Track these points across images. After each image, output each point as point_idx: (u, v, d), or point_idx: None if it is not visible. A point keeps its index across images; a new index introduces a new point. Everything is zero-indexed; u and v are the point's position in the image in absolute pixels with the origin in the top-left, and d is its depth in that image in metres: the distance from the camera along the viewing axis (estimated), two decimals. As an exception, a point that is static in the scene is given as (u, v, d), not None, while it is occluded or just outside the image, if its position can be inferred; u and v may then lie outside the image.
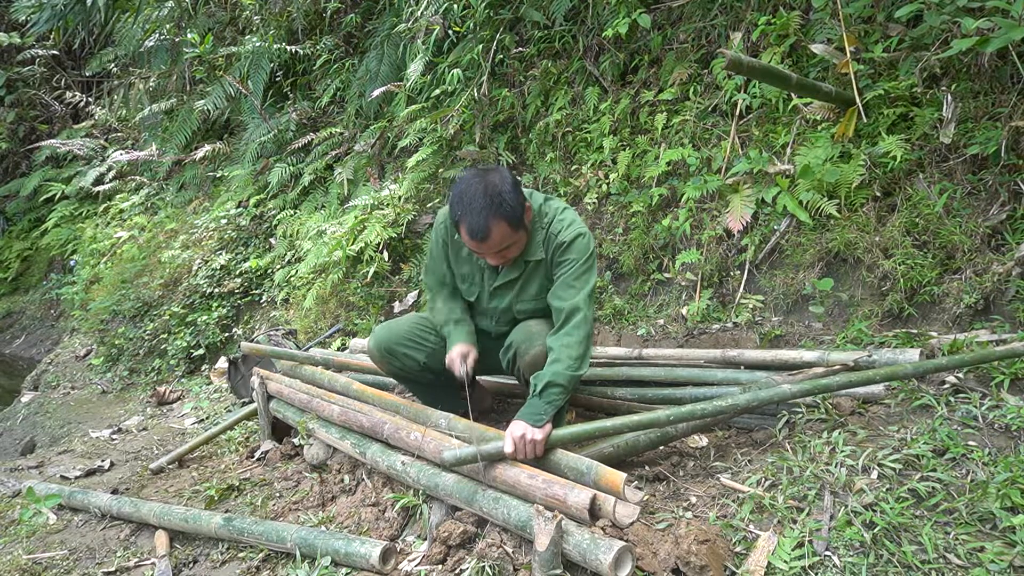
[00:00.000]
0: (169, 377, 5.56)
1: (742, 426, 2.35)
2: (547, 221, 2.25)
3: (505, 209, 2.06)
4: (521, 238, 2.18)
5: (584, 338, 2.10)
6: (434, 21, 4.70)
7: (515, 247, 2.19)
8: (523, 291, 2.34)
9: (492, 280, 2.36)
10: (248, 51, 6.30)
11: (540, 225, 2.25)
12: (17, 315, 8.87)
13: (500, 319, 2.45)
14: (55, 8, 7.15)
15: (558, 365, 2.05)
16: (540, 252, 2.25)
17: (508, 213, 2.07)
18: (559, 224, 2.24)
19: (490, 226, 2.05)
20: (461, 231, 2.12)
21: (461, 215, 2.08)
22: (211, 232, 6.25)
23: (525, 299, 2.35)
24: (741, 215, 3.14)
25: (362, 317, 4.58)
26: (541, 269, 2.29)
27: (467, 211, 2.06)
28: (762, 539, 1.68)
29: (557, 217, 2.26)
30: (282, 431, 3.20)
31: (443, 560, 1.88)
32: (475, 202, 2.05)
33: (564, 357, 2.06)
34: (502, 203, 2.05)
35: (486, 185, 2.07)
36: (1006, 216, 2.53)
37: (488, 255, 2.18)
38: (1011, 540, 1.54)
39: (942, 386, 2.15)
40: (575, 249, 2.19)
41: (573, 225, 2.23)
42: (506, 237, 2.10)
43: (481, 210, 2.04)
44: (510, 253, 2.20)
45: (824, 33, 3.17)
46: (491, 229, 2.06)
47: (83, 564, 2.48)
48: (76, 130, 9.07)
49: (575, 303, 2.12)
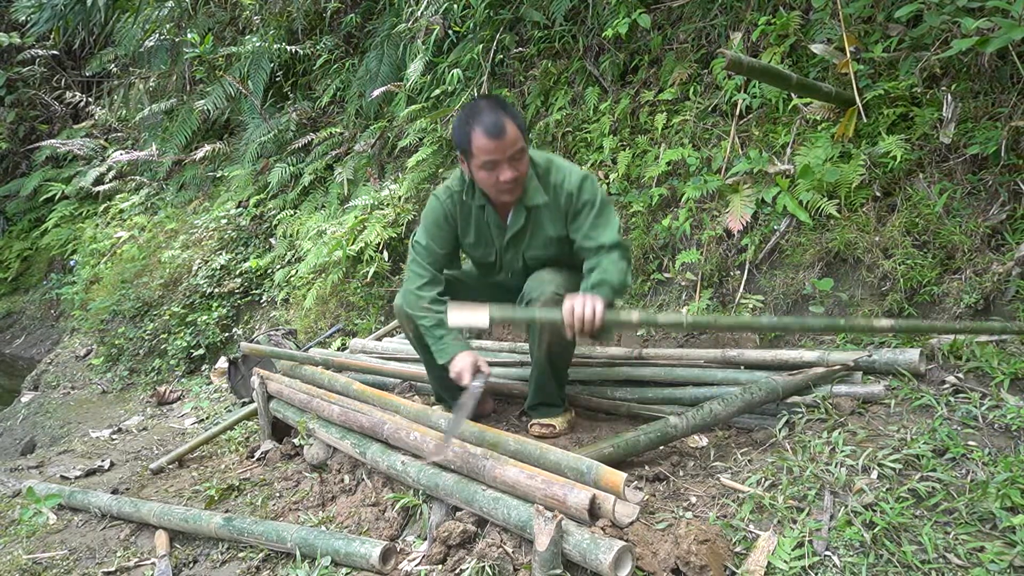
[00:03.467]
0: (169, 377, 5.56)
1: (742, 426, 2.35)
2: (542, 170, 2.28)
3: (512, 111, 2.14)
4: (526, 154, 2.19)
5: (628, 265, 2.18)
6: (434, 21, 4.71)
7: (523, 162, 2.20)
8: (533, 238, 2.35)
9: (502, 236, 2.37)
10: (248, 51, 6.30)
11: (535, 172, 2.28)
12: (17, 315, 8.87)
13: (515, 272, 2.44)
14: (55, 8, 7.16)
15: (607, 274, 2.10)
16: (540, 197, 2.27)
17: (515, 116, 2.15)
18: (559, 174, 2.26)
19: (504, 122, 2.10)
20: (476, 135, 2.11)
21: (474, 122, 2.12)
22: (211, 232, 6.25)
23: (536, 246, 2.35)
24: (741, 215, 3.14)
25: (362, 317, 4.58)
26: (545, 215, 2.30)
27: (479, 117, 2.11)
28: (762, 539, 1.68)
29: (554, 166, 2.28)
30: (282, 431, 3.20)
31: (443, 560, 1.88)
32: (484, 110, 2.12)
33: (612, 269, 2.12)
34: (507, 106, 2.15)
35: (487, 99, 2.17)
36: (1006, 216, 2.53)
37: (504, 163, 2.14)
38: (1011, 540, 1.54)
39: (942, 386, 2.15)
40: (586, 191, 2.25)
41: (573, 171, 2.27)
42: (517, 139, 2.13)
43: (492, 111, 2.11)
44: (522, 167, 2.19)
45: (824, 33, 3.17)
46: (505, 125, 2.10)
47: (83, 564, 2.48)
48: (76, 130, 9.07)
49: (612, 238, 2.19)
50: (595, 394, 2.70)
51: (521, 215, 2.31)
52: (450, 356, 2.30)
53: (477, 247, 2.44)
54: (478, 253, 2.45)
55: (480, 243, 2.43)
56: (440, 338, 2.34)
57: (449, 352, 2.32)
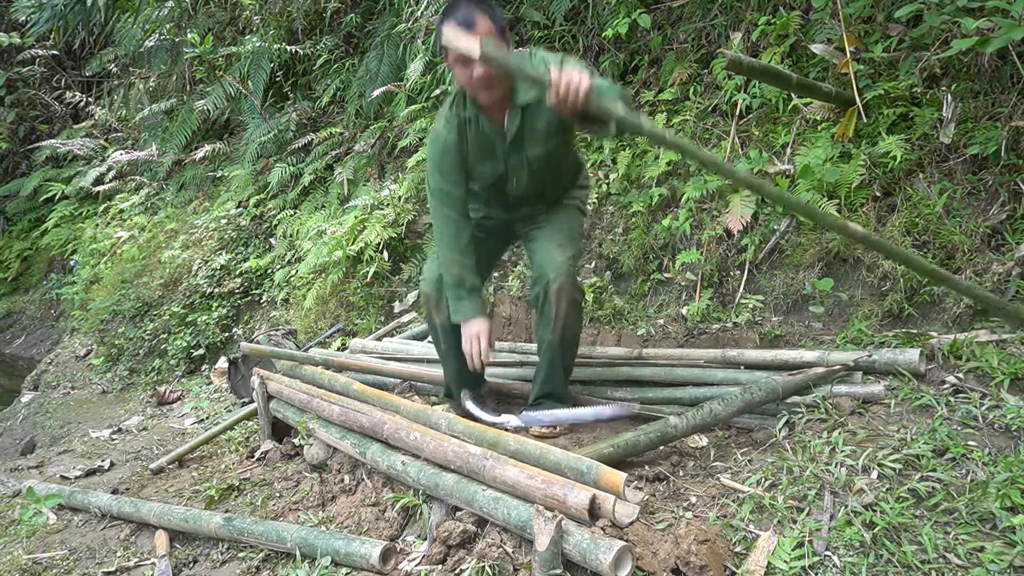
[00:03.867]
0: (169, 377, 5.56)
1: (742, 426, 2.35)
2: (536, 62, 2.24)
3: (489, 9, 2.13)
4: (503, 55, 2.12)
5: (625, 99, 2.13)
6: (434, 21, 4.71)
7: None
8: (532, 136, 2.34)
9: (503, 142, 2.35)
10: (248, 51, 6.30)
11: None
12: (17, 315, 8.87)
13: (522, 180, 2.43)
14: (55, 8, 7.16)
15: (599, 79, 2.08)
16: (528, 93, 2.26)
17: (492, 12, 2.14)
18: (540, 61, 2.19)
19: (475, 16, 2.09)
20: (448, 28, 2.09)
21: (448, 17, 2.12)
22: (211, 232, 6.25)
23: (536, 143, 2.34)
24: (741, 215, 3.14)
25: (362, 317, 4.59)
26: (537, 110, 2.28)
27: (453, 12, 2.12)
28: (762, 539, 1.68)
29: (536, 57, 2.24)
30: (282, 431, 3.20)
31: (443, 560, 1.88)
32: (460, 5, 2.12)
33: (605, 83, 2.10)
34: (486, 4, 2.14)
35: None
36: (1006, 216, 2.53)
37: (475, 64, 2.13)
38: (1011, 540, 1.54)
39: (942, 386, 2.14)
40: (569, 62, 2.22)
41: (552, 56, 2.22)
42: (490, 33, 2.10)
43: (467, 5, 2.11)
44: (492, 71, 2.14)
45: (824, 33, 3.17)
46: (476, 19, 2.09)
47: (83, 564, 2.48)
48: (76, 130, 9.07)
49: None
50: (595, 394, 2.70)
51: (516, 116, 2.31)
52: (466, 317, 2.28)
53: (484, 163, 2.40)
54: (487, 170, 2.41)
55: (486, 157, 2.39)
56: (459, 298, 2.33)
57: (466, 313, 2.29)
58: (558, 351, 2.43)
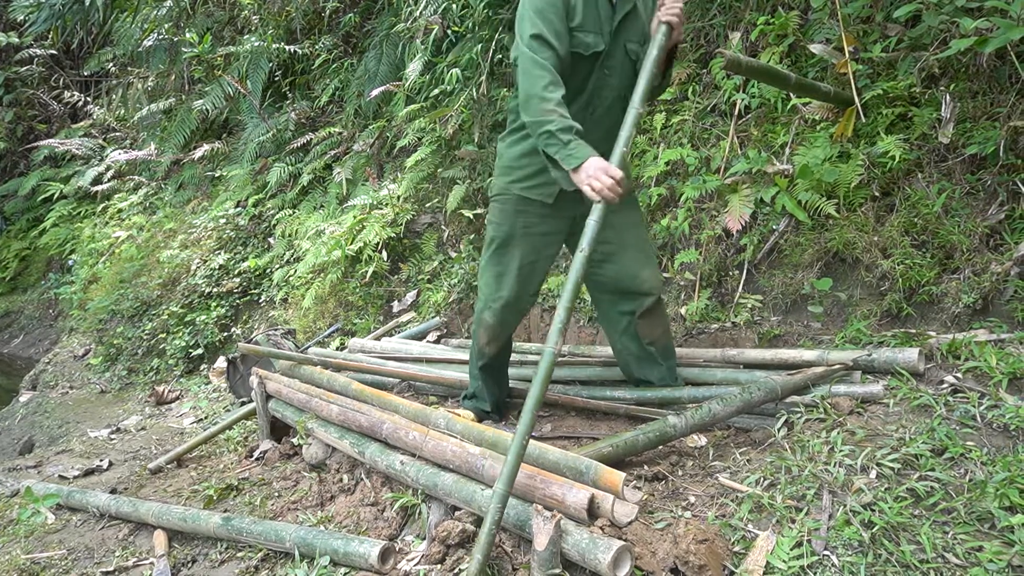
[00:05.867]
0: (168, 377, 5.56)
1: (741, 426, 2.35)
2: None
3: None
4: None
5: None
6: (433, 21, 4.70)
7: None
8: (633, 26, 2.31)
9: (611, 20, 2.27)
10: (247, 51, 6.30)
11: None
12: (15, 315, 8.86)
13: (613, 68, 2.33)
14: (53, 7, 7.16)
15: None
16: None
17: None
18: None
19: None
20: None
21: None
22: (210, 232, 6.25)
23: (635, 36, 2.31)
24: (740, 215, 3.14)
25: (361, 317, 4.58)
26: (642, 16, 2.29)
27: None
28: (761, 538, 1.68)
29: None
30: (281, 431, 3.20)
31: (442, 559, 1.88)
32: None
33: None
34: None
35: None
36: (1004, 216, 2.54)
37: None
38: (1009, 539, 1.54)
39: (941, 386, 2.15)
40: None
41: None
42: None
43: None
44: None
45: (823, 33, 3.17)
46: None
47: (81, 564, 2.48)
48: (74, 130, 9.06)
49: None
50: (595, 394, 2.69)
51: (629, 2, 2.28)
52: (579, 161, 2.08)
53: (587, 30, 2.26)
54: (588, 39, 2.27)
55: (589, 25, 2.26)
56: (567, 143, 2.10)
57: (578, 157, 2.09)
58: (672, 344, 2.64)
